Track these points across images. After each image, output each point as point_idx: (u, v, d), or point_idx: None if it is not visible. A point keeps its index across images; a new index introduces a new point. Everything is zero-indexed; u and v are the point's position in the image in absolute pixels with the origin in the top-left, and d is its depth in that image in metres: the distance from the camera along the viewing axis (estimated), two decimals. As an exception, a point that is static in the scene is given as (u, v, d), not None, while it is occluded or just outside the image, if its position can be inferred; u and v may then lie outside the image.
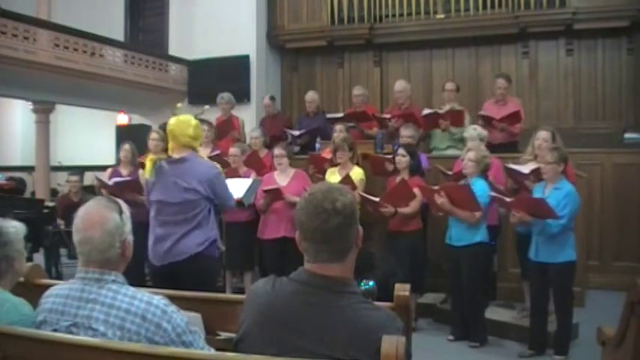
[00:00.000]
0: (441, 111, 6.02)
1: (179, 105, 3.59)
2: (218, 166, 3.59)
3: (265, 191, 4.98)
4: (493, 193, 4.33)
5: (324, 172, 5.36)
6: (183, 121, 3.35)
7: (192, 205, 3.29)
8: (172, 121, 3.36)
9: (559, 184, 3.99)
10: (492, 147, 5.65)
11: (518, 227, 4.46)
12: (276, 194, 4.99)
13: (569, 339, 4.08)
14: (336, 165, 5.22)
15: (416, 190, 4.65)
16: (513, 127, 5.76)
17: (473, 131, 4.95)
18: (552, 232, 3.91)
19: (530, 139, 4.68)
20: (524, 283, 4.70)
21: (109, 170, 5.81)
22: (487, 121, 5.65)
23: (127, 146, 5.73)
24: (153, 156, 3.48)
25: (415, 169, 4.82)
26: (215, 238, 3.41)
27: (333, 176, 5.13)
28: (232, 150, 5.52)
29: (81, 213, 1.73)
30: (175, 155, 3.34)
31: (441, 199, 4.36)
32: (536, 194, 4.11)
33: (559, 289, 4.02)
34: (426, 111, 6.05)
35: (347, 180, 4.73)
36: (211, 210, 3.40)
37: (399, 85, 6.51)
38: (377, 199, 4.70)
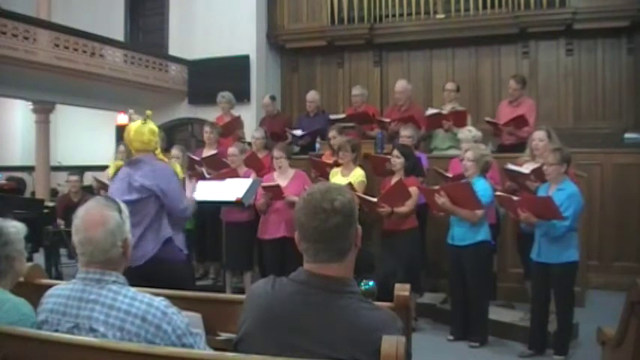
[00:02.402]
0: (444, 111, 6.02)
1: (131, 111, 3.68)
2: (178, 169, 3.61)
3: (265, 188, 4.97)
4: (499, 193, 4.32)
5: (326, 176, 5.35)
6: (137, 128, 3.44)
7: (143, 204, 3.32)
8: (131, 132, 3.45)
9: (562, 184, 3.97)
10: (503, 148, 5.66)
11: (522, 225, 4.45)
12: (275, 192, 4.99)
13: (569, 339, 4.08)
14: (338, 165, 5.22)
15: (412, 190, 4.65)
16: (521, 132, 5.68)
17: (468, 133, 4.95)
18: (557, 233, 3.89)
19: (528, 141, 4.68)
20: (527, 283, 4.69)
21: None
22: (494, 125, 5.65)
23: (122, 147, 5.73)
24: (118, 162, 3.54)
25: (411, 169, 4.82)
26: (169, 237, 3.39)
27: (337, 177, 5.13)
28: (231, 150, 5.51)
29: (81, 213, 1.73)
30: (132, 157, 3.47)
31: (442, 199, 4.35)
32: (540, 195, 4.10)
33: (561, 289, 4.00)
34: (430, 111, 6.05)
35: (349, 187, 4.71)
36: (163, 210, 3.40)
37: (399, 85, 6.50)
38: (374, 200, 4.70)
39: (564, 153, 4.01)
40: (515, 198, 4.15)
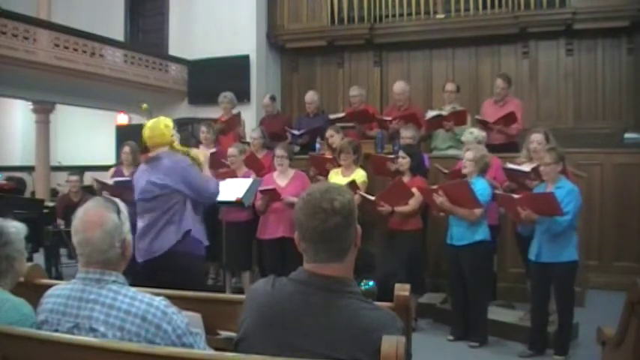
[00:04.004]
0: (444, 112, 6.02)
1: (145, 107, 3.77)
2: (200, 158, 3.67)
3: (261, 192, 4.97)
4: (498, 191, 4.32)
5: (325, 173, 5.35)
6: (153, 125, 3.51)
7: (164, 199, 3.38)
8: (147, 130, 3.52)
9: (560, 182, 4.01)
10: (492, 148, 5.68)
11: (519, 229, 4.45)
12: (272, 195, 4.99)
13: (569, 339, 4.08)
14: (339, 166, 5.22)
15: (415, 190, 4.65)
16: (510, 129, 5.76)
17: (469, 135, 4.95)
18: (558, 229, 3.90)
19: (525, 141, 4.68)
20: (529, 282, 4.68)
21: (112, 170, 5.84)
22: (484, 124, 5.67)
23: (126, 148, 5.75)
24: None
25: (417, 169, 4.82)
26: (189, 230, 3.42)
27: (336, 177, 5.12)
28: (230, 151, 5.51)
29: (79, 214, 1.73)
30: (151, 154, 3.53)
31: (440, 199, 4.36)
32: None
33: (562, 288, 4.01)
34: (430, 114, 6.04)
35: (352, 186, 4.71)
36: (187, 204, 3.44)
37: (398, 87, 6.50)
38: (373, 198, 4.70)
39: (558, 152, 4.05)
40: (515, 196, 4.16)
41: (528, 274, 4.59)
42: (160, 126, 3.49)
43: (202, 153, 3.86)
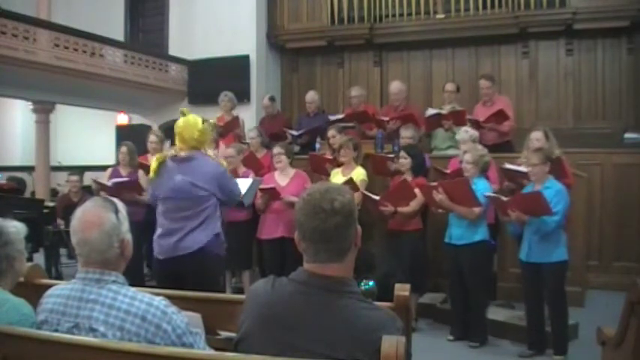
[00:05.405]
0: (443, 112, 6.02)
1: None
2: (224, 163, 3.67)
3: (262, 190, 4.97)
4: (488, 193, 4.33)
5: (325, 173, 5.35)
6: (191, 123, 3.43)
7: (199, 201, 3.37)
8: (181, 122, 3.44)
9: (547, 183, 4.03)
10: (486, 148, 5.69)
11: (510, 228, 4.46)
12: (272, 194, 4.99)
13: (567, 338, 4.08)
14: (339, 165, 5.22)
15: (417, 191, 4.64)
16: (502, 126, 5.80)
17: (464, 134, 4.97)
18: (548, 229, 3.93)
19: (526, 141, 4.69)
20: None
21: (109, 170, 5.81)
22: (476, 124, 5.68)
23: (123, 149, 5.74)
24: (160, 155, 3.54)
25: (419, 169, 4.82)
26: (219, 232, 3.46)
27: (337, 176, 5.12)
28: (228, 151, 5.50)
29: (78, 214, 1.73)
30: (182, 154, 3.43)
31: (439, 196, 4.36)
32: None
33: (553, 288, 4.02)
34: (430, 112, 6.04)
35: (350, 183, 4.71)
36: (217, 207, 3.47)
37: (395, 87, 6.50)
38: (377, 197, 4.70)
39: (546, 152, 4.09)
40: (504, 199, 4.17)
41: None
42: (198, 127, 3.42)
43: (225, 163, 3.86)
